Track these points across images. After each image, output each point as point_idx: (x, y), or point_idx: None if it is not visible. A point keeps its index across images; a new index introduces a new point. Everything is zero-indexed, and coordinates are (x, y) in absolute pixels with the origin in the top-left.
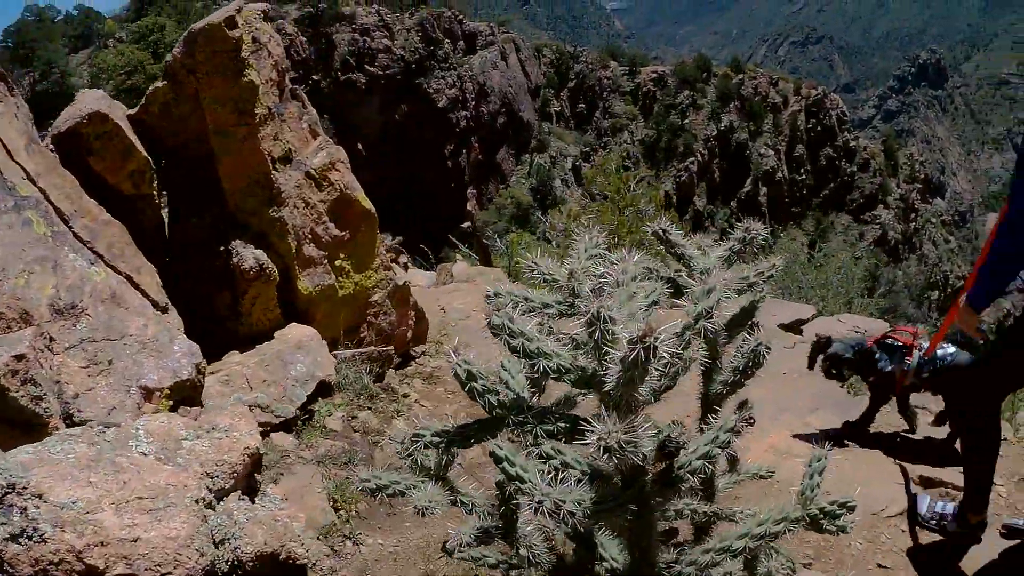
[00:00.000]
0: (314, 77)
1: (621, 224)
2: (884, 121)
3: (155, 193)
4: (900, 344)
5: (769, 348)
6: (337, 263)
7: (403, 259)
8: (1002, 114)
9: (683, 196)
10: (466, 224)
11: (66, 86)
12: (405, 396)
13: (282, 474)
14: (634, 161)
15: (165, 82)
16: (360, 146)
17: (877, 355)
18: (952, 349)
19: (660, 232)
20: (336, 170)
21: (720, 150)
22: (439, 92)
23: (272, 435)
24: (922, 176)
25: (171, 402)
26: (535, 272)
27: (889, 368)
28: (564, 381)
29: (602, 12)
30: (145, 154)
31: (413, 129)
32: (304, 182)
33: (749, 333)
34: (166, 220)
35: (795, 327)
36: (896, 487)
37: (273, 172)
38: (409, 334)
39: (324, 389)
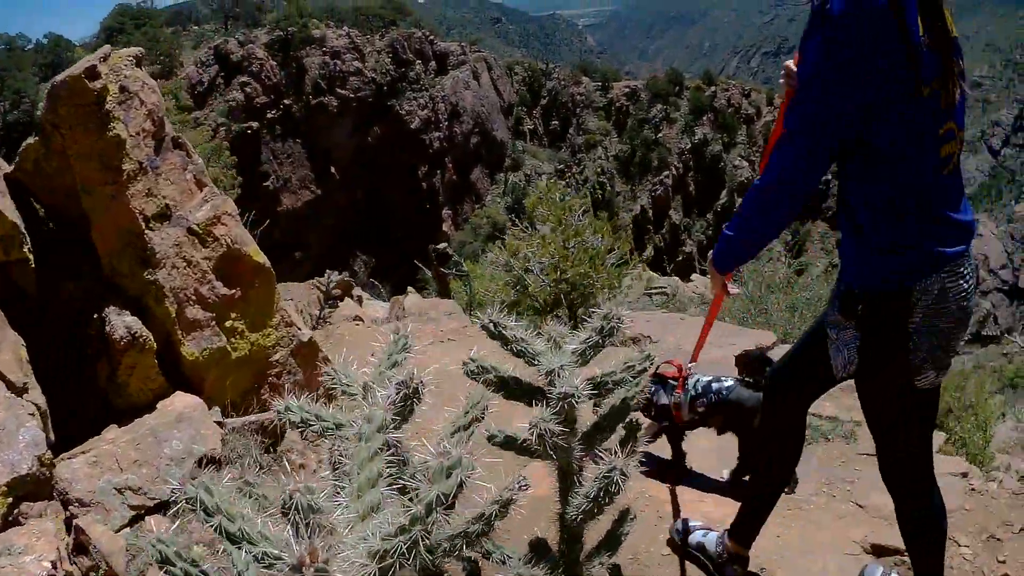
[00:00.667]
0: (285, 101)
1: (564, 259)
2: None
3: (29, 258)
4: (671, 377)
5: (626, 475)
6: (228, 324)
7: (356, 292)
8: (975, 116)
9: (659, 210)
10: (442, 245)
11: (37, 116)
12: (302, 467)
13: (151, 564)
14: (609, 176)
15: (36, 138)
16: (333, 169)
17: (653, 388)
18: (729, 383)
19: (490, 326)
20: (222, 224)
21: (695, 163)
22: (411, 114)
23: (148, 518)
24: None
25: (10, 499)
26: (332, 380)
27: (664, 401)
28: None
29: (573, 28)
30: (12, 218)
31: (386, 151)
32: (185, 239)
33: (631, 439)
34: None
35: None
36: (845, 557)
37: (146, 232)
38: (321, 391)
39: (208, 464)
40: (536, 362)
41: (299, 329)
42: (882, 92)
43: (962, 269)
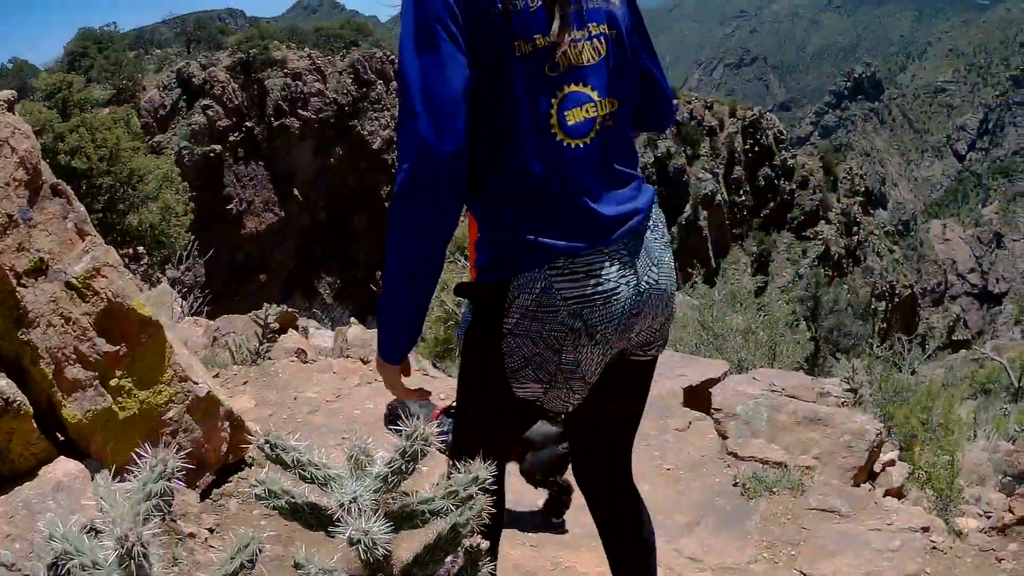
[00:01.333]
0: (247, 124)
1: None
2: (822, 137)
3: None
4: None
5: None
6: (113, 382)
7: (301, 323)
8: (940, 122)
9: None
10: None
11: None
12: (192, 535)
13: None
14: None
15: None
16: (296, 191)
17: (440, 422)
18: None
19: (265, 447)
20: (103, 276)
21: (657, 177)
22: (373, 134)
23: None
24: (862, 189)
25: None
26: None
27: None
28: None
29: None
30: None
31: (348, 172)
32: (63, 294)
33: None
34: None
35: (703, 390)
36: None
37: (18, 288)
38: (224, 447)
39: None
40: (328, 489)
41: (195, 383)
42: (482, 40)
43: (584, 269)
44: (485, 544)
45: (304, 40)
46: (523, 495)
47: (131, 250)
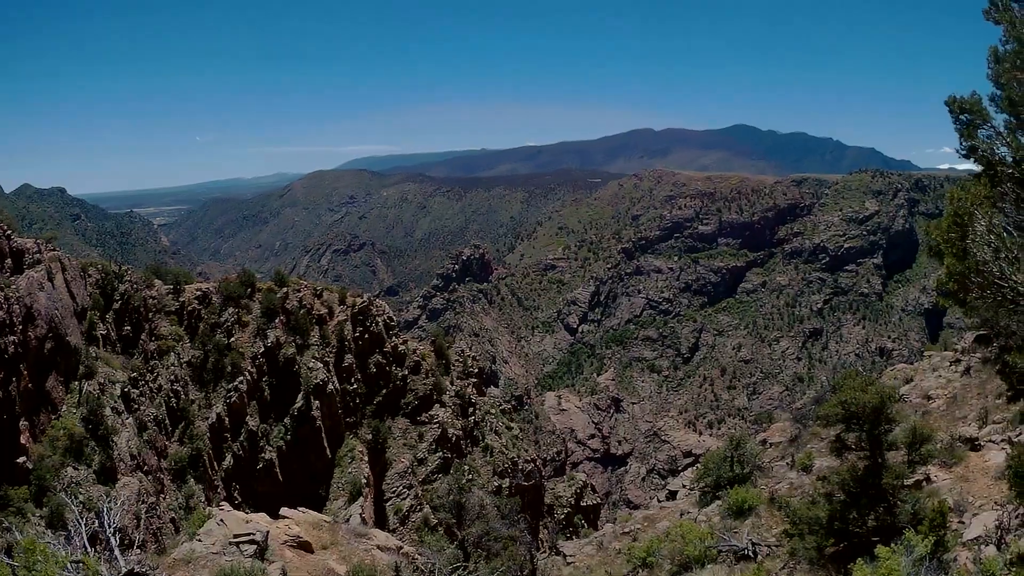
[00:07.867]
0: None
1: None
2: (431, 320)
3: None
4: None
5: None
6: None
7: None
8: (550, 297)
9: (235, 417)
10: (21, 459)
11: None
12: None
13: None
14: (183, 384)
15: None
16: None
17: None
18: None
19: None
20: None
21: (268, 367)
22: None
23: None
24: (475, 370)
25: None
26: None
27: None
28: None
29: (149, 227)
30: None
31: None
32: None
33: None
34: None
35: None
36: None
37: None
38: None
39: None
40: None
41: None
42: None
43: None
44: None
45: None
46: None
47: None
